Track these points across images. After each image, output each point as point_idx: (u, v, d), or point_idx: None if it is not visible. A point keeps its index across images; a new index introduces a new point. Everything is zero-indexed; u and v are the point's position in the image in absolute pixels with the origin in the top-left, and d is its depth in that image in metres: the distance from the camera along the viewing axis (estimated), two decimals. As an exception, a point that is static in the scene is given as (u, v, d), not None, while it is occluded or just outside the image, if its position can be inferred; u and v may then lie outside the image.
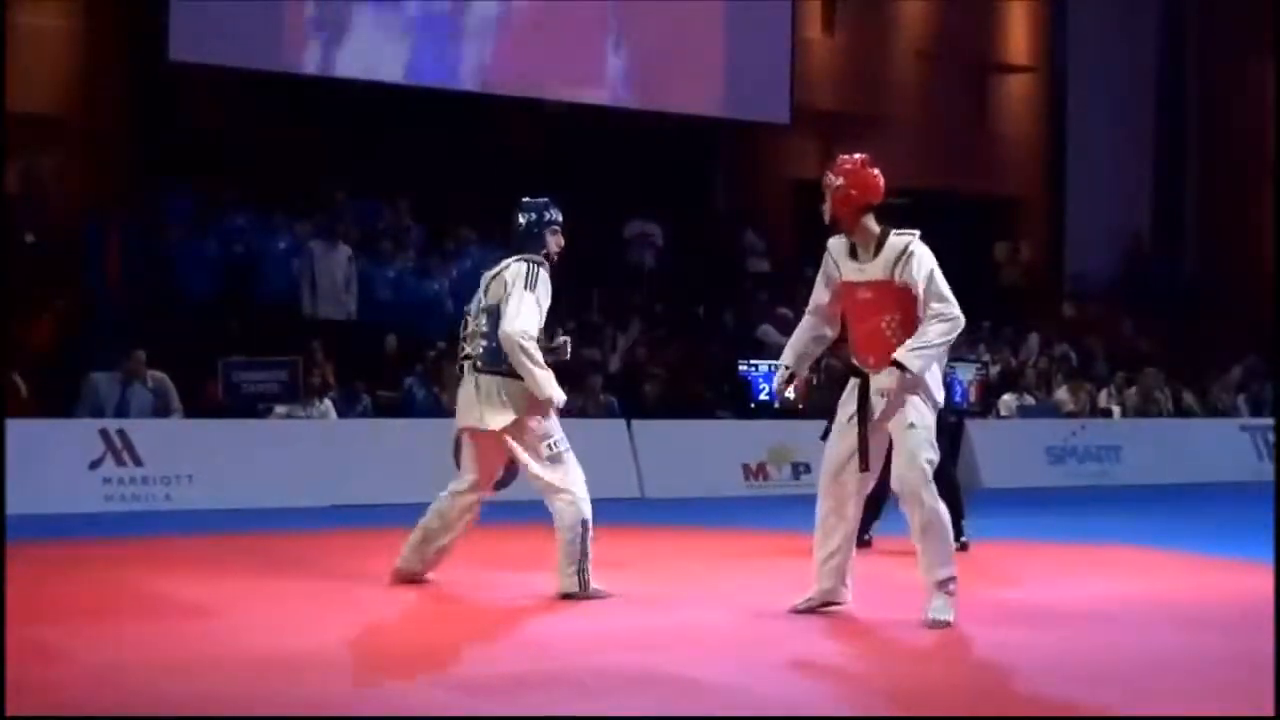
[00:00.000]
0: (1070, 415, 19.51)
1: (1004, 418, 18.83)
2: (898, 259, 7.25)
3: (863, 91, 24.41)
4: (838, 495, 7.46)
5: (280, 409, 14.80)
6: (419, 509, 13.16)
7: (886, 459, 7.53)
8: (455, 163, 19.92)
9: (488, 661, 6.59)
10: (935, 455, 7.24)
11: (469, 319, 8.29)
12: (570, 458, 8.17)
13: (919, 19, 25.27)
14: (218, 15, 18.26)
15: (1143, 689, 6.11)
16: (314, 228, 17.85)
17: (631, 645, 7.16)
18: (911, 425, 7.13)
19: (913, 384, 7.10)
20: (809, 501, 13.92)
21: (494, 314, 8.04)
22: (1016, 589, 8.86)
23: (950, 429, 10.78)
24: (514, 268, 8.11)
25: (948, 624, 7.11)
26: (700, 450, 15.72)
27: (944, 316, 7.14)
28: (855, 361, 7.41)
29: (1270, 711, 5.36)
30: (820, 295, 7.62)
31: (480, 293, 8.25)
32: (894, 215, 7.89)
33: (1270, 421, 20.74)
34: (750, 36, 22.24)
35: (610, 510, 8.14)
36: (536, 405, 8.06)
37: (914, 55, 25.13)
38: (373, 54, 19.68)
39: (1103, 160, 26.43)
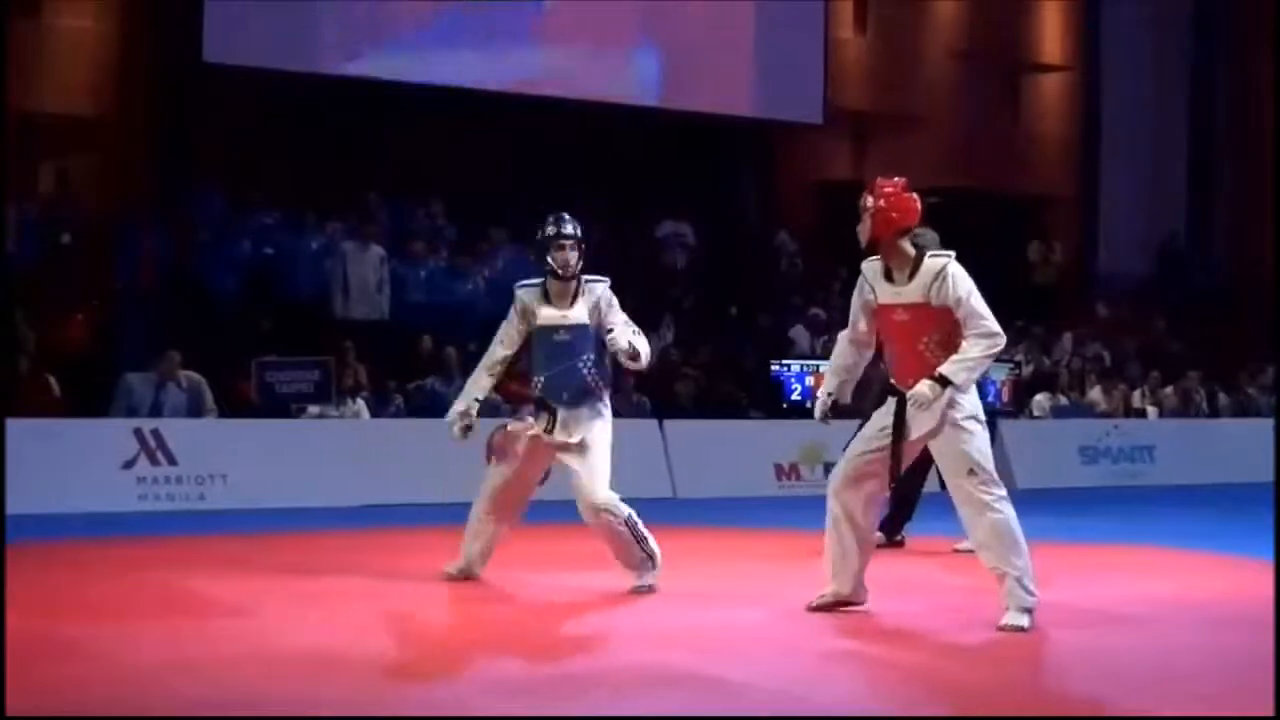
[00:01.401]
0: (1104, 415, 19.43)
1: (1037, 418, 18.77)
2: (934, 280, 7.27)
3: (895, 91, 24.37)
4: (853, 502, 7.48)
5: (313, 409, 14.83)
6: (451, 509, 13.22)
7: (916, 462, 7.60)
8: (488, 163, 19.94)
9: (520, 662, 6.57)
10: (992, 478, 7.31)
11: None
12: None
13: (951, 18, 25.21)
14: (252, 17, 18.32)
15: (1180, 691, 6.06)
16: (346, 228, 17.88)
17: (663, 644, 7.14)
18: (971, 470, 7.25)
19: (928, 398, 7.14)
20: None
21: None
22: (1050, 590, 8.80)
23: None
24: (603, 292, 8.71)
25: (1023, 628, 7.09)
26: (732, 450, 15.68)
27: (985, 333, 7.22)
28: (893, 382, 7.45)
29: (1270, 711, 5.32)
30: (856, 318, 7.67)
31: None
32: (927, 214, 7.88)
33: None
34: (782, 36, 22.20)
35: (642, 510, 8.13)
36: None
37: (947, 54, 25.06)
38: (405, 55, 19.72)
39: (1135, 160, 26.32)
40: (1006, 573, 7.17)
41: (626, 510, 8.13)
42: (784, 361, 16.87)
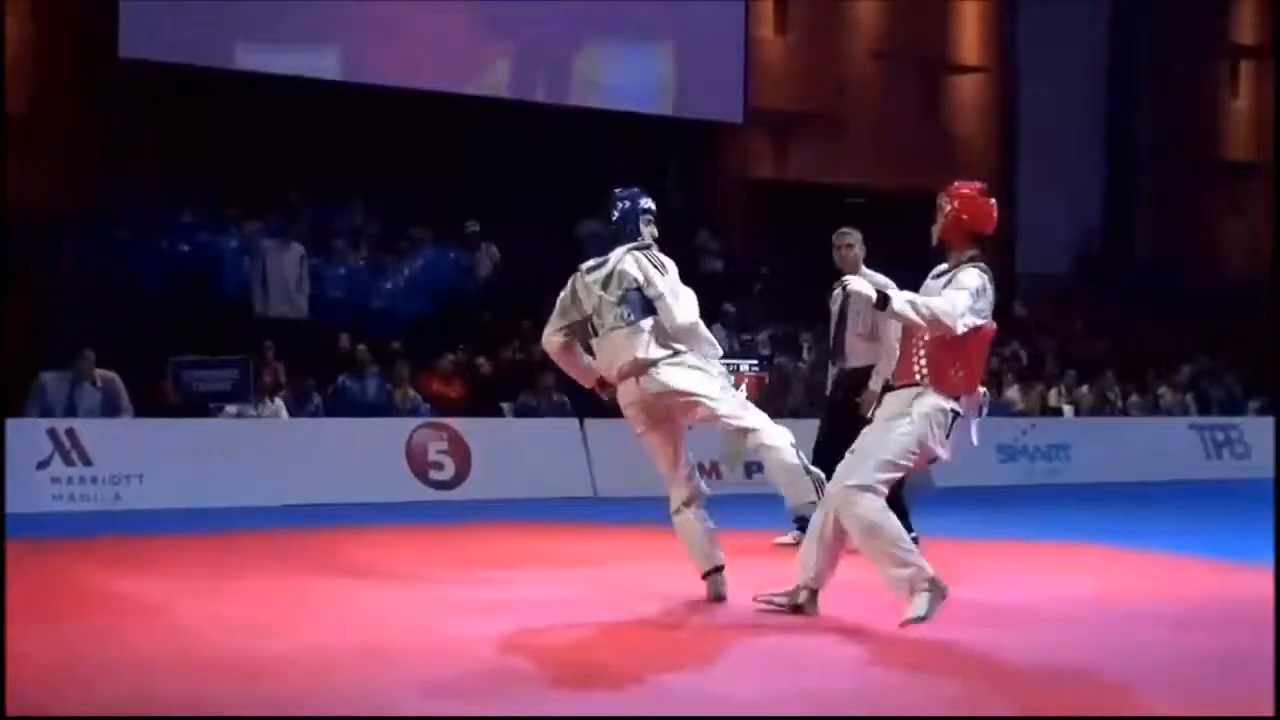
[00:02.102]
0: (1021, 414, 19.61)
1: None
2: (949, 279, 7.22)
3: (816, 91, 24.50)
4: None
5: (231, 408, 14.73)
6: (370, 508, 13.20)
7: None
8: (410, 162, 19.86)
9: (448, 662, 6.55)
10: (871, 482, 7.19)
11: (594, 321, 8.04)
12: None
13: (871, 19, 25.37)
14: (169, 12, 18.17)
15: (1126, 687, 6.14)
16: (266, 226, 17.77)
17: (584, 644, 7.15)
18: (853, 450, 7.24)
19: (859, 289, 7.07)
20: (761, 501, 13.91)
21: (635, 303, 7.87)
22: (970, 587, 8.88)
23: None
24: (628, 260, 7.94)
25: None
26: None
27: (947, 306, 7.02)
28: (890, 380, 7.44)
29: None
30: None
31: (596, 291, 7.98)
32: (849, 214, 7.92)
33: (1220, 420, 20.91)
34: (703, 36, 22.28)
35: (563, 509, 8.13)
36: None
37: (867, 55, 25.22)
38: (327, 52, 19.63)
39: (1054, 160, 26.58)
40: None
41: None
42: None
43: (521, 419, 16.37)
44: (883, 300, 6.97)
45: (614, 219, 8.14)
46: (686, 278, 8.05)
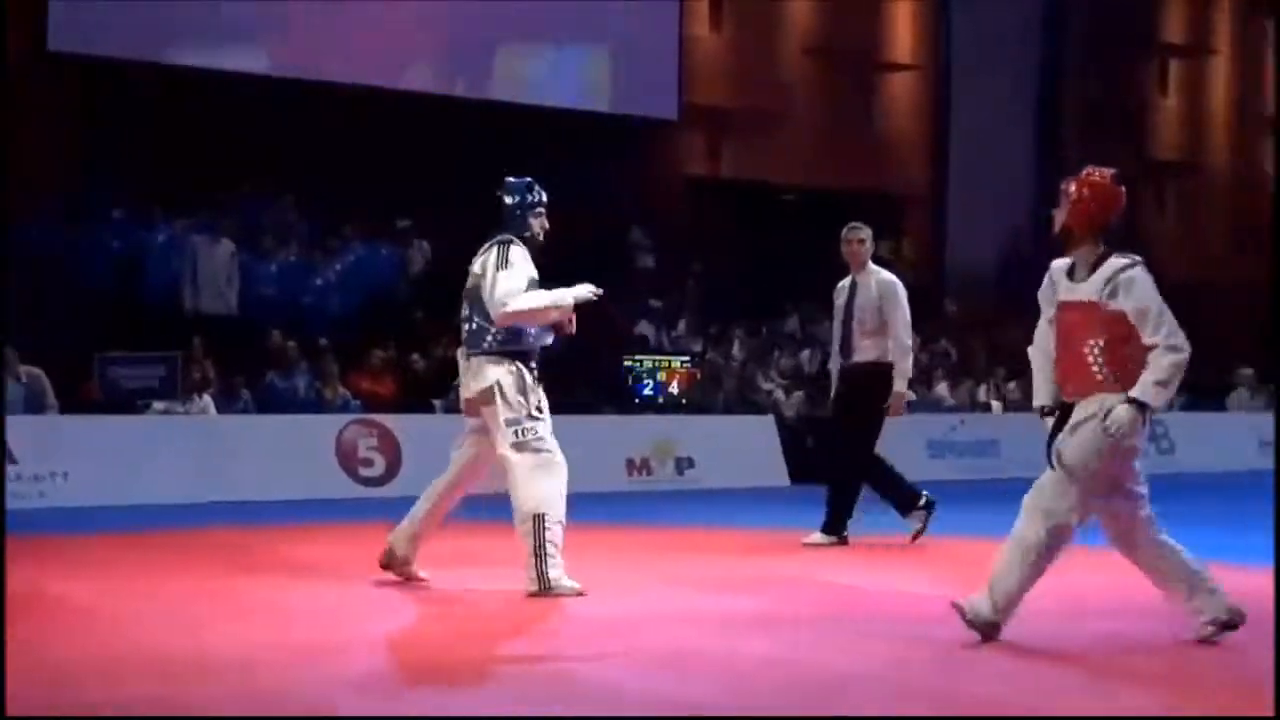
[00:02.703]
0: (951, 410, 19.74)
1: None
2: (1110, 280, 6.70)
3: (750, 89, 24.57)
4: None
5: (159, 405, 14.61)
6: (299, 505, 13.13)
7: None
8: (342, 159, 19.75)
9: (381, 659, 6.51)
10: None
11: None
12: (537, 449, 8.05)
13: (805, 17, 25.47)
14: (100, 5, 18.00)
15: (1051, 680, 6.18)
16: (196, 223, 17.64)
17: (514, 639, 7.15)
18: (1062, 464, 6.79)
19: (1129, 422, 6.53)
20: (692, 496, 13.97)
21: (472, 298, 8.11)
22: (922, 584, 8.94)
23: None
24: (487, 255, 8.12)
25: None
26: (583, 445, 15.56)
27: (1177, 349, 6.56)
28: (1057, 384, 6.95)
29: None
30: (1042, 319, 7.09)
31: (469, 277, 8.26)
32: (782, 211, 7.85)
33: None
34: (638, 33, 22.29)
35: (492, 507, 8.09)
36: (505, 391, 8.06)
37: (800, 53, 25.31)
38: (257, 47, 19.49)
39: (985, 158, 26.75)
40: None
41: None
42: (635, 357, 16.93)
43: (452, 415, 16.32)
44: (1141, 405, 6.54)
45: (505, 208, 8.27)
46: (620, 274, 8.09)
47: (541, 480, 7.88)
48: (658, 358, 16.83)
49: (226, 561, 9.52)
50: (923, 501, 10.80)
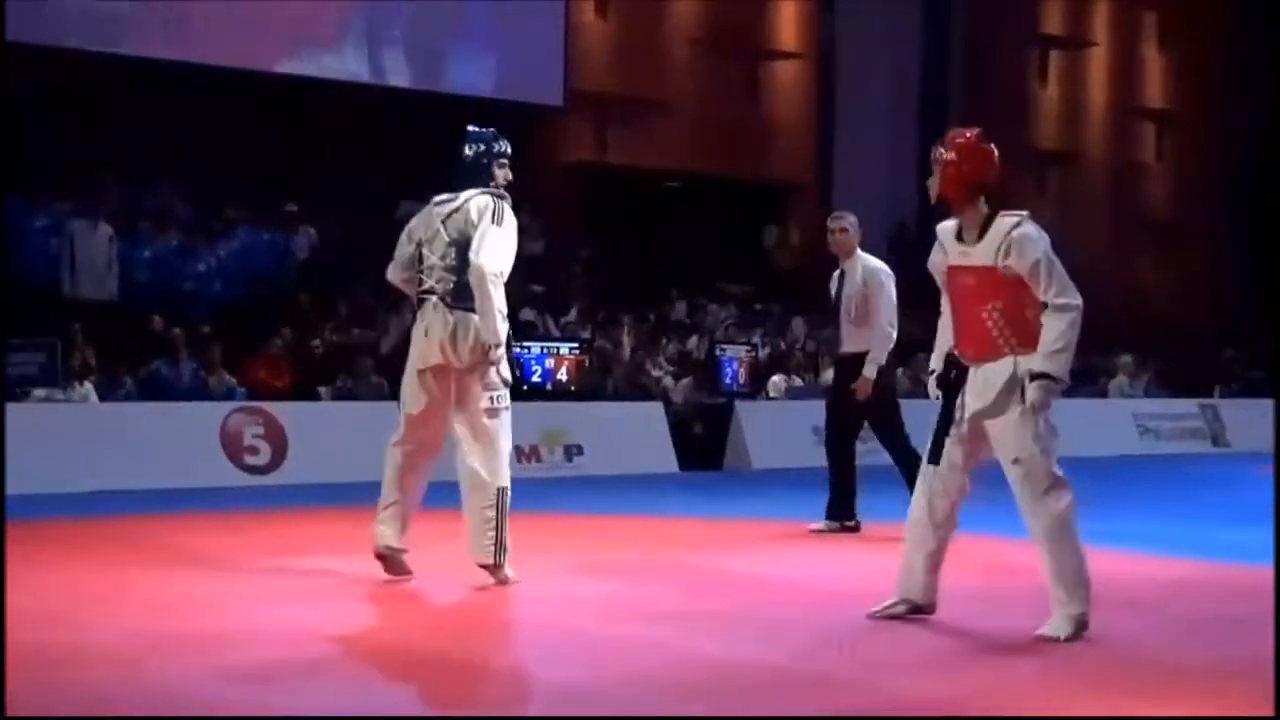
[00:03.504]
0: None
1: (773, 399, 19.13)
2: (1002, 241, 6.63)
3: (637, 76, 24.60)
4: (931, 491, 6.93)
5: (39, 393, 14.37)
6: (183, 493, 12.97)
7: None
8: (226, 142, 19.53)
9: (257, 648, 6.44)
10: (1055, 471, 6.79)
11: (423, 249, 7.82)
12: (507, 418, 7.77)
13: (691, 4, 25.53)
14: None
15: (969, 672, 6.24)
16: (75, 206, 17.36)
17: (406, 628, 7.13)
18: (1017, 461, 6.71)
19: (1045, 399, 6.58)
20: (582, 483, 13.97)
21: (461, 246, 7.66)
22: (825, 569, 9.00)
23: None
24: (477, 200, 7.71)
25: (1057, 639, 6.59)
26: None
27: (1066, 308, 6.57)
28: (954, 351, 6.84)
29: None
30: (940, 285, 7.01)
31: (437, 224, 7.80)
32: (667, 197, 7.80)
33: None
34: (523, 19, 22.24)
35: (378, 495, 8.04)
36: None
37: (686, 40, 25.37)
38: (141, 28, 19.19)
39: (870, 146, 26.97)
40: (1055, 573, 6.69)
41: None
42: (523, 343, 16.90)
43: (339, 402, 16.23)
44: (1044, 376, 6.54)
45: (467, 157, 7.93)
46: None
47: (505, 451, 7.73)
48: (546, 344, 16.82)
49: (108, 552, 9.40)
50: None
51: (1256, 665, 6.23)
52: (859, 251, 11.04)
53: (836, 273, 11.02)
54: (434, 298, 7.76)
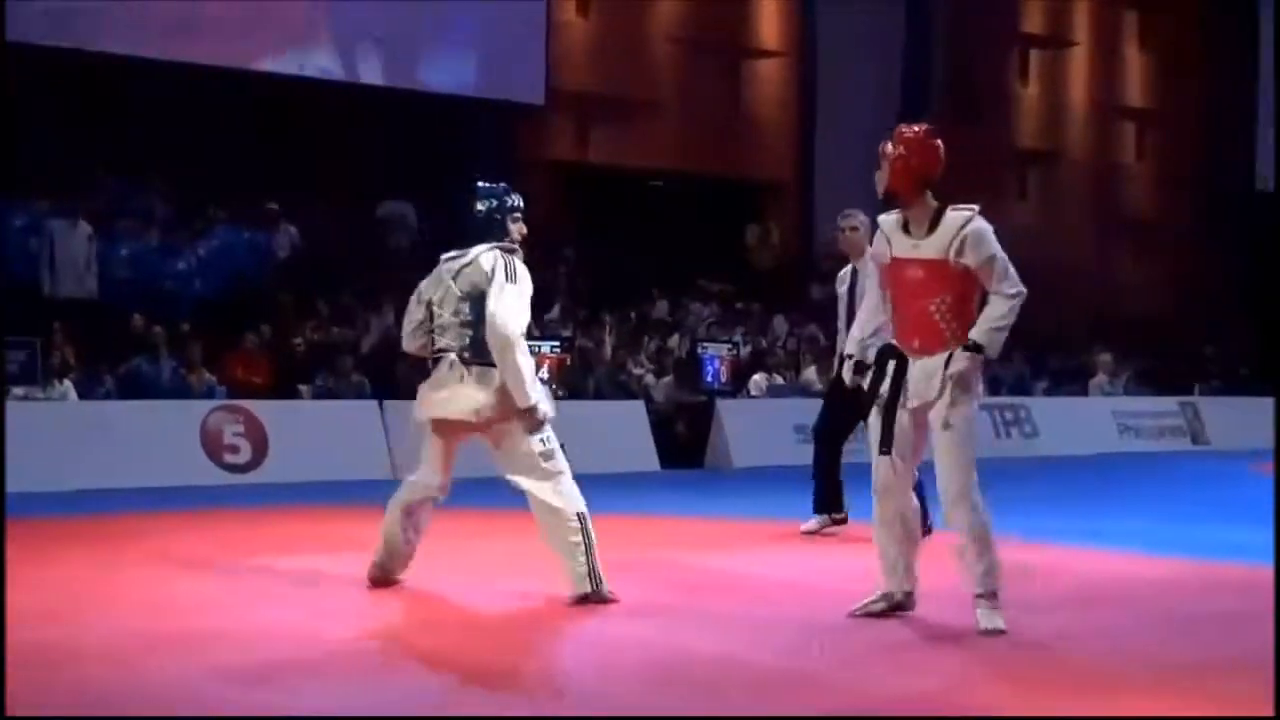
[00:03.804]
0: (818, 395, 19.87)
1: (754, 397, 19.14)
2: (955, 236, 6.72)
3: (619, 75, 24.59)
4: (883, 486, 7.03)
5: (18, 391, 14.31)
6: (163, 492, 12.94)
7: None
8: (207, 142, 19.49)
9: (243, 648, 6.43)
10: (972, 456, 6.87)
11: (434, 309, 7.68)
12: (560, 453, 7.63)
13: (673, 3, 25.52)
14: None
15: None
16: (54, 206, 17.31)
17: (387, 629, 7.12)
18: (948, 425, 6.78)
19: (971, 370, 6.69)
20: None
21: (475, 301, 7.49)
22: (811, 570, 9.01)
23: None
24: (488, 256, 7.53)
25: (1002, 631, 6.68)
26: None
27: (1010, 295, 6.69)
28: (895, 342, 6.90)
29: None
30: (880, 277, 7.08)
31: (447, 281, 7.65)
32: (650, 196, 7.76)
33: (1009, 400, 21.48)
34: (505, 18, 22.21)
35: (362, 491, 8.05)
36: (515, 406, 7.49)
37: (668, 39, 25.37)
38: (121, 27, 19.11)
39: (851, 145, 26.93)
40: (971, 563, 6.79)
41: None
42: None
43: (319, 401, 16.20)
44: (978, 348, 6.67)
45: (479, 213, 7.73)
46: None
47: (568, 479, 7.55)
48: (529, 343, 16.78)
49: (90, 550, 9.38)
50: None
51: (1241, 661, 6.27)
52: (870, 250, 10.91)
53: (846, 270, 10.86)
54: (450, 355, 7.60)
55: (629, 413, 17.50)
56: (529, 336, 7.61)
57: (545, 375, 17.07)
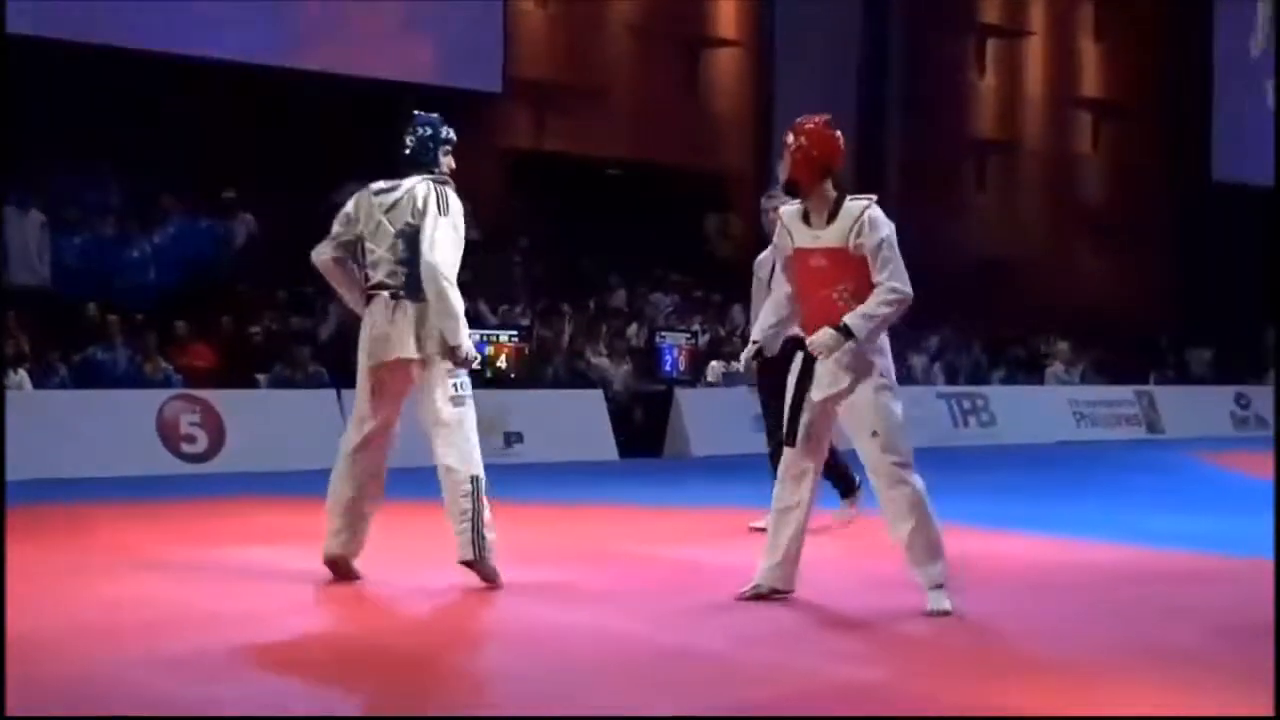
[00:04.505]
0: (775, 384, 19.94)
1: (711, 385, 19.19)
2: (854, 225, 6.83)
3: (576, 63, 24.58)
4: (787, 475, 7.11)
5: (-31, 380, 14.24)
6: (119, 482, 12.89)
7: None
8: (160, 129, 19.39)
9: (187, 638, 6.42)
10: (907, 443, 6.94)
11: (366, 243, 7.60)
12: (471, 404, 7.51)
13: (631, -8, 25.54)
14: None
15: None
16: (5, 193, 17.20)
17: (336, 619, 7.13)
18: (875, 434, 6.85)
19: (826, 344, 6.78)
20: (521, 471, 14.01)
21: (410, 237, 7.43)
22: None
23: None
24: (421, 187, 7.50)
25: (948, 612, 6.81)
26: (412, 419, 15.62)
27: (893, 287, 6.78)
28: (801, 333, 7.01)
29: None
30: (783, 267, 7.25)
31: (379, 216, 7.57)
32: (607, 184, 7.76)
33: (966, 389, 21.61)
34: (463, 6, 22.19)
35: (320, 481, 8.01)
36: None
37: (625, 28, 25.37)
38: (75, 12, 18.96)
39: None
40: (909, 548, 6.89)
41: None
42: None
43: (277, 390, 16.17)
44: (847, 333, 6.75)
45: (410, 144, 7.73)
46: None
47: (473, 438, 7.46)
48: (485, 332, 16.81)
49: (45, 541, 9.34)
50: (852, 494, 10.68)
51: (1183, 645, 6.36)
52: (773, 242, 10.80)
53: (765, 255, 10.80)
54: (385, 293, 7.52)
55: (587, 401, 17.54)
56: (485, 325, 7.60)
57: (503, 363, 17.23)
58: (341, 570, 7.71)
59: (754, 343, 7.31)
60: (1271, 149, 28.07)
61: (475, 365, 7.62)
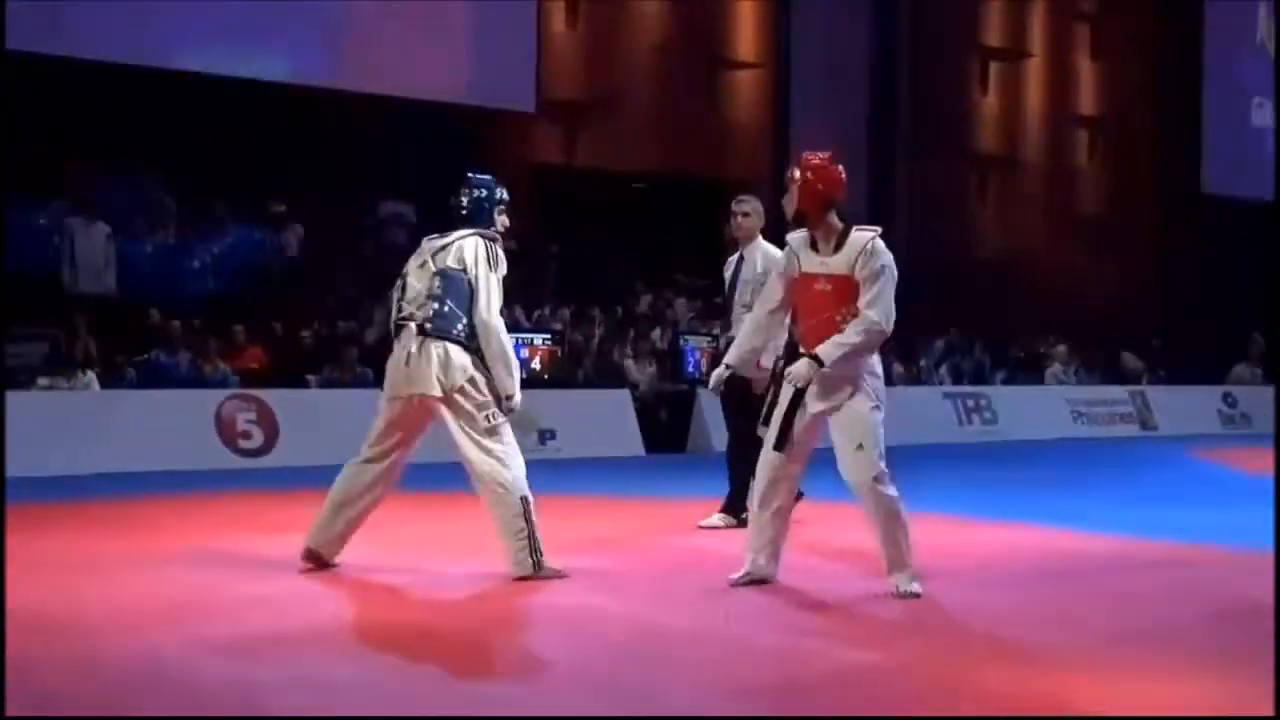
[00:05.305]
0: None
1: (713, 390, 19.14)
2: (859, 252, 6.95)
3: (603, 83, 24.64)
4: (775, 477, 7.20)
5: (43, 381, 14.35)
6: (181, 475, 12.98)
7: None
8: (211, 144, 19.44)
9: (223, 623, 6.45)
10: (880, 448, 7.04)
11: (409, 282, 7.54)
12: (508, 430, 7.48)
13: (656, 16, 25.57)
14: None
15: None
16: (69, 205, 17.32)
17: (378, 607, 7.17)
18: (861, 447, 6.98)
19: (857, 376, 6.94)
20: (553, 466, 14.02)
21: (448, 279, 7.40)
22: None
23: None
24: (470, 241, 7.46)
25: (918, 594, 6.96)
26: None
27: (873, 322, 6.88)
28: (801, 350, 7.08)
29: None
30: (776, 291, 7.29)
31: (426, 257, 7.54)
32: (632, 198, 7.78)
33: (970, 389, 21.57)
34: (497, 30, 22.24)
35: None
36: (477, 380, 7.40)
37: (651, 50, 25.41)
38: (121, 34, 18.98)
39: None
40: (891, 551, 7.03)
41: None
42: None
43: (326, 390, 16.24)
44: (819, 361, 6.84)
45: (466, 205, 7.67)
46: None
47: (518, 462, 7.44)
48: (520, 335, 16.85)
49: (109, 531, 9.40)
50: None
51: (1178, 631, 6.37)
52: (759, 238, 10.49)
53: (734, 257, 10.66)
54: (412, 325, 7.45)
55: (616, 401, 17.57)
56: (520, 330, 7.63)
57: (537, 365, 17.26)
58: (315, 561, 7.72)
59: (726, 366, 7.47)
60: (1256, 164, 27.98)
61: (518, 409, 7.55)
